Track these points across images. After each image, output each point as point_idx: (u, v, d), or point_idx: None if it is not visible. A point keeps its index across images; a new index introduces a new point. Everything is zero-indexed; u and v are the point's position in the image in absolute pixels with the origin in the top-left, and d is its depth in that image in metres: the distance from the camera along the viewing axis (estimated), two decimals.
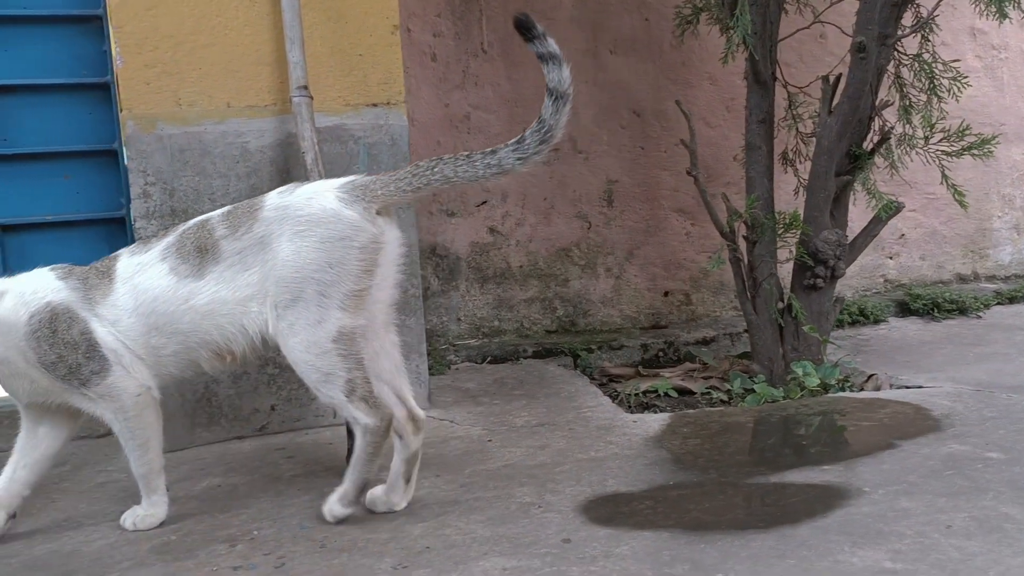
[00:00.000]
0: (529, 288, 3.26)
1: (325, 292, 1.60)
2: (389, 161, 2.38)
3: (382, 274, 1.66)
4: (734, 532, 1.50)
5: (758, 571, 1.34)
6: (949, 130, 2.42)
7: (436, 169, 1.67)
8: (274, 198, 1.67)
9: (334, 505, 1.68)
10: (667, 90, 3.32)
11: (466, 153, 1.67)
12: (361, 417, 1.62)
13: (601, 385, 2.81)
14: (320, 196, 1.64)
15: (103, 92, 2.60)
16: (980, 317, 3.39)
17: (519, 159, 1.65)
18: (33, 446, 1.74)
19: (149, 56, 2.20)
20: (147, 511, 1.73)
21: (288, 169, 2.29)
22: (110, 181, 2.60)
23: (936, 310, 3.39)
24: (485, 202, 3.19)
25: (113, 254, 1.74)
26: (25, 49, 2.55)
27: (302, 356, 1.61)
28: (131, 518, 1.73)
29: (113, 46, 2.19)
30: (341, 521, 1.66)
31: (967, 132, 2.39)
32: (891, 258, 3.67)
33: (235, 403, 2.30)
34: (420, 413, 1.74)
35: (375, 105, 2.37)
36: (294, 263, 1.60)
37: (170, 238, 1.68)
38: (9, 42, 2.54)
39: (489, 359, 3.03)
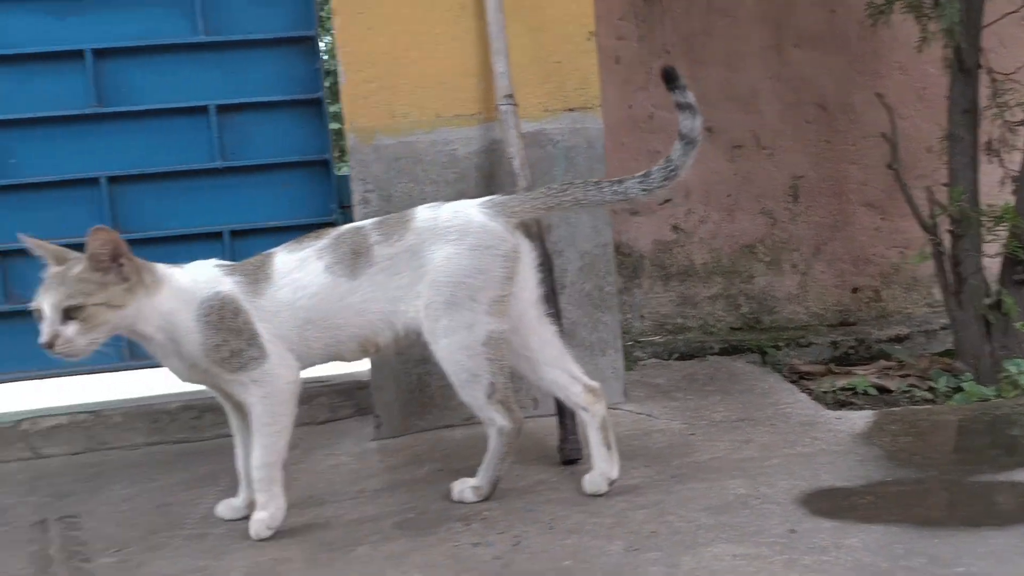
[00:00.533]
0: (713, 285, 3.28)
1: (475, 296, 1.75)
2: (585, 164, 2.47)
3: (521, 280, 1.82)
4: (967, 529, 1.49)
5: (1001, 567, 1.33)
6: None
7: (567, 192, 1.84)
8: (424, 212, 1.83)
9: (467, 492, 1.84)
10: (854, 82, 3.25)
11: (595, 180, 1.86)
12: (498, 419, 1.80)
13: (792, 383, 2.80)
14: (466, 210, 1.82)
15: (315, 107, 2.83)
16: None
17: (643, 190, 1.83)
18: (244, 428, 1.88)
19: (368, 72, 2.39)
20: (271, 510, 1.75)
21: (493, 174, 2.43)
22: (322, 189, 2.84)
23: None
24: (668, 200, 3.23)
25: (266, 252, 1.86)
26: (248, 71, 2.82)
27: (453, 356, 1.77)
28: (253, 527, 1.75)
29: (338, 65, 2.39)
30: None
31: None
32: None
33: (445, 394, 2.45)
34: (593, 383, 1.88)
35: (572, 110, 2.46)
36: (446, 268, 1.76)
37: (324, 241, 1.81)
38: (235, 65, 2.81)
39: (675, 356, 3.07)
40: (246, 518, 1.82)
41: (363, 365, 2.95)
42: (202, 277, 1.78)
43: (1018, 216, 2.42)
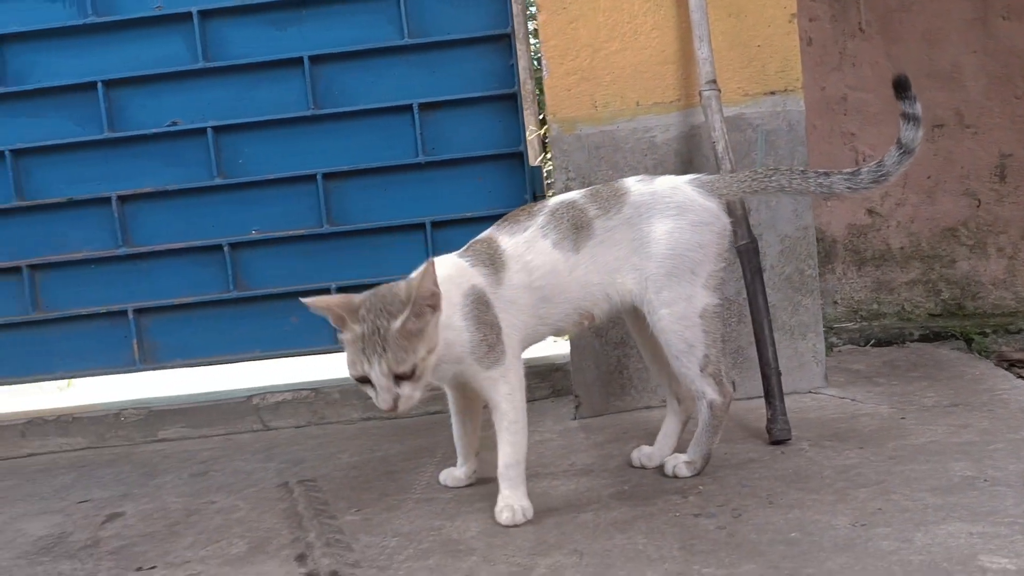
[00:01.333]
0: (911, 270, 3.17)
1: (695, 270, 1.81)
2: (786, 146, 2.46)
3: (726, 259, 1.88)
4: None
5: None
6: None
7: (773, 178, 1.90)
8: (637, 185, 1.89)
9: (680, 467, 1.90)
10: None
11: (801, 169, 1.92)
12: (708, 391, 1.84)
13: (1004, 370, 2.68)
14: (683, 187, 1.88)
15: (510, 102, 2.95)
16: None
17: (849, 188, 1.88)
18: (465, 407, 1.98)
19: (570, 64, 2.48)
20: (523, 503, 1.75)
21: (691, 159, 2.47)
22: (515, 181, 2.96)
23: None
24: None
25: (482, 238, 1.88)
26: (448, 70, 2.98)
27: (671, 326, 1.81)
28: (508, 512, 1.73)
29: (542, 58, 2.49)
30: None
31: None
32: None
33: (643, 376, 2.52)
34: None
35: (772, 93, 2.46)
36: (668, 241, 1.81)
37: (541, 218, 1.85)
38: (436, 65, 2.98)
39: (872, 342, 3.00)
40: (468, 486, 1.98)
41: (559, 348, 3.07)
42: (455, 272, 1.76)
43: None
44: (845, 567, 1.38)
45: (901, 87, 1.85)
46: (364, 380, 1.59)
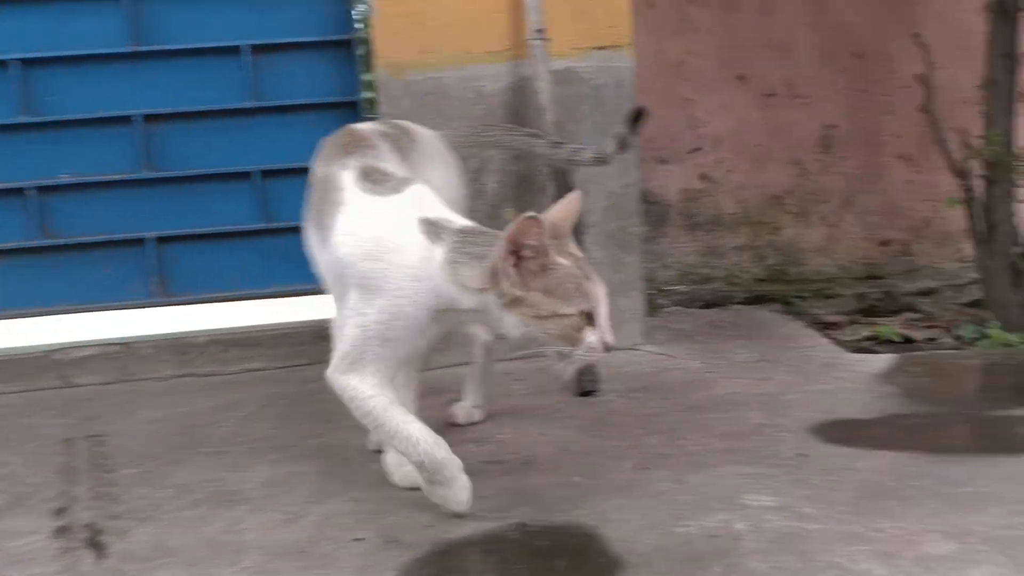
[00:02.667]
0: (739, 236, 3.25)
1: None
2: (614, 103, 2.45)
3: None
4: (981, 455, 1.49)
5: (1012, 486, 1.33)
6: None
7: (490, 134, 2.01)
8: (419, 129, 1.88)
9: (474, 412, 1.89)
10: (892, 31, 3.18)
11: (510, 126, 2.02)
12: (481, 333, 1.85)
13: (816, 331, 2.79)
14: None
15: (345, 49, 2.83)
16: None
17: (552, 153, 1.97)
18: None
19: (400, 7, 2.39)
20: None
21: (519, 111, 2.42)
22: None
23: None
24: (698, 149, 3.20)
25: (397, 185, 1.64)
26: (282, 11, 2.82)
27: None
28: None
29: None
30: None
31: None
32: None
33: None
34: None
35: (602, 48, 2.45)
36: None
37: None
38: (266, 4, 2.82)
39: (699, 304, 3.06)
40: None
41: None
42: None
43: None
44: (618, 507, 1.38)
45: (635, 119, 1.90)
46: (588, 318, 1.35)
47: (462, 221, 1.44)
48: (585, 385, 2.05)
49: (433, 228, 1.40)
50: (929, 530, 1.22)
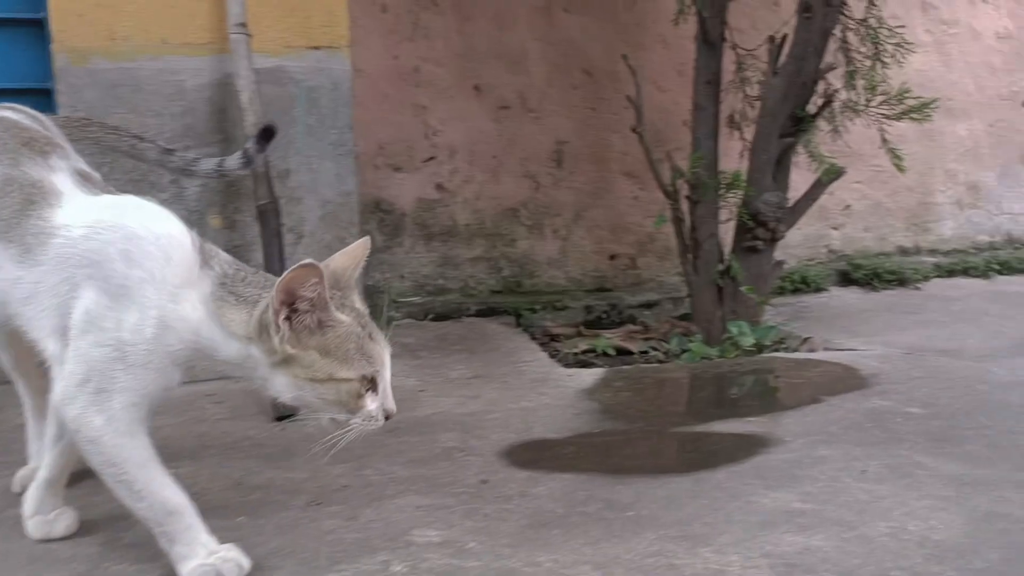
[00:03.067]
0: (475, 247, 3.24)
1: None
2: (330, 106, 2.33)
3: None
4: (652, 475, 1.51)
5: (670, 509, 1.35)
6: (890, 94, 2.44)
7: (88, 130, 1.70)
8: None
9: None
10: (620, 51, 3.27)
11: (113, 126, 1.79)
12: None
13: (543, 344, 2.81)
14: None
15: (37, 29, 2.51)
16: (919, 288, 3.44)
17: (165, 163, 1.80)
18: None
19: None
20: None
21: (225, 109, 2.24)
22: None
23: (876, 280, 3.44)
24: (432, 158, 3.15)
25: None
26: None
27: None
28: None
29: None
30: None
31: (907, 95, 2.41)
32: (835, 229, 3.70)
33: None
34: None
35: (317, 48, 2.32)
36: None
37: None
38: None
39: (432, 316, 3.01)
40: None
41: None
42: None
43: (747, 184, 2.52)
44: (277, 552, 1.26)
45: (265, 136, 1.84)
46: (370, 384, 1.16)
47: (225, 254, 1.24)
48: (281, 409, 1.91)
49: (205, 251, 1.19)
50: (582, 561, 1.20)
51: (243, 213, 2.26)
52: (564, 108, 3.29)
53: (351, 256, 1.23)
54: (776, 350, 2.50)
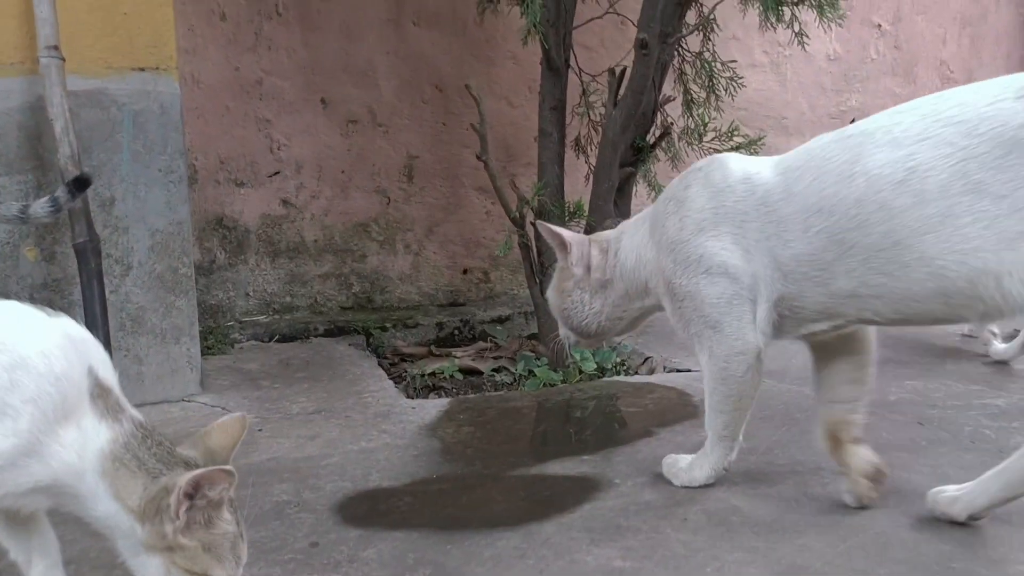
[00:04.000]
0: (324, 263, 3.18)
1: None
2: (158, 131, 2.22)
3: None
4: (484, 531, 1.52)
5: (498, 573, 1.37)
6: (721, 129, 2.54)
7: None
8: None
9: None
10: (470, 66, 3.30)
11: None
12: None
13: (392, 365, 2.80)
14: None
15: None
16: None
17: None
18: None
19: None
20: None
21: (40, 135, 2.09)
22: None
23: None
24: (277, 173, 3.06)
25: None
26: None
27: None
28: None
29: None
30: None
31: (736, 132, 2.52)
32: None
33: None
34: None
35: (142, 69, 2.19)
36: None
37: None
38: None
39: (278, 337, 2.93)
40: None
41: None
42: None
43: (590, 212, 2.57)
44: None
45: (78, 185, 1.80)
46: None
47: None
48: None
49: (108, 397, 1.11)
50: None
51: (62, 245, 2.13)
52: (414, 123, 3.26)
53: (228, 433, 1.18)
54: (618, 372, 2.58)
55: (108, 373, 1.14)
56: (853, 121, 1.42)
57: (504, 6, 2.95)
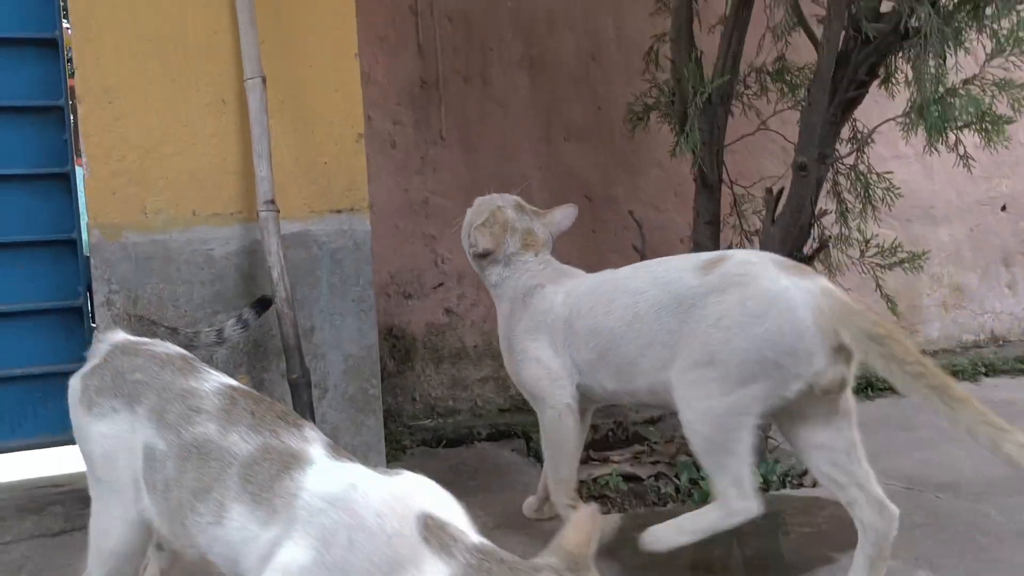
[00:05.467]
0: (483, 367, 3.34)
1: None
2: (352, 265, 2.44)
3: None
4: None
5: None
6: (883, 245, 2.58)
7: None
8: None
9: None
10: (617, 176, 3.45)
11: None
12: None
13: None
14: None
15: (63, 182, 2.61)
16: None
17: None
18: None
19: (116, 165, 2.24)
20: None
21: (253, 275, 2.34)
22: (67, 271, 2.61)
23: (870, 389, 3.56)
24: (441, 284, 3.27)
25: None
26: None
27: None
28: None
29: (83, 156, 2.22)
30: None
31: (899, 248, 2.55)
32: None
33: None
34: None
35: (339, 211, 2.43)
36: None
37: None
38: None
39: (444, 442, 3.09)
40: None
41: None
42: None
43: None
44: None
45: (261, 305, 2.14)
46: None
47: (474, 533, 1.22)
48: None
49: (442, 534, 1.18)
50: None
51: (270, 372, 2.36)
52: (565, 232, 3.41)
53: (582, 531, 1.17)
54: (782, 484, 2.60)
55: (444, 509, 1.25)
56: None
57: (653, 122, 3.09)
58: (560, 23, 3.43)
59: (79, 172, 2.56)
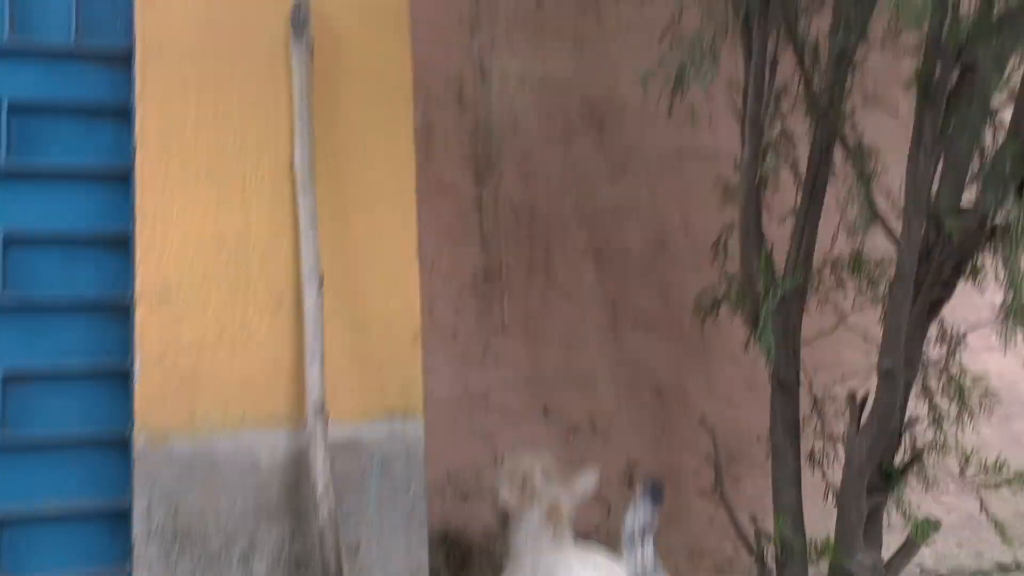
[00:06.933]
0: None
1: None
2: (403, 474, 2.30)
3: None
4: None
5: None
6: (985, 462, 2.34)
7: None
8: None
9: None
10: (688, 368, 3.30)
11: None
12: None
13: None
14: None
15: (122, 379, 2.57)
16: None
17: None
18: None
19: (169, 367, 2.19)
20: None
21: (297, 485, 2.22)
22: (120, 469, 2.52)
23: None
24: None
25: None
26: (48, 335, 2.55)
27: None
28: None
29: (135, 361, 2.19)
30: None
31: (1003, 466, 2.31)
32: (926, 546, 3.48)
33: None
34: None
35: (391, 414, 2.32)
36: None
37: None
38: (36, 328, 2.53)
39: None
40: None
41: None
42: None
43: (837, 543, 2.38)
44: None
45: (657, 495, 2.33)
46: None
47: None
48: None
49: None
50: None
51: None
52: (633, 427, 3.25)
53: None
54: None
55: None
56: None
57: (724, 313, 2.96)
58: (625, 213, 3.41)
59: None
